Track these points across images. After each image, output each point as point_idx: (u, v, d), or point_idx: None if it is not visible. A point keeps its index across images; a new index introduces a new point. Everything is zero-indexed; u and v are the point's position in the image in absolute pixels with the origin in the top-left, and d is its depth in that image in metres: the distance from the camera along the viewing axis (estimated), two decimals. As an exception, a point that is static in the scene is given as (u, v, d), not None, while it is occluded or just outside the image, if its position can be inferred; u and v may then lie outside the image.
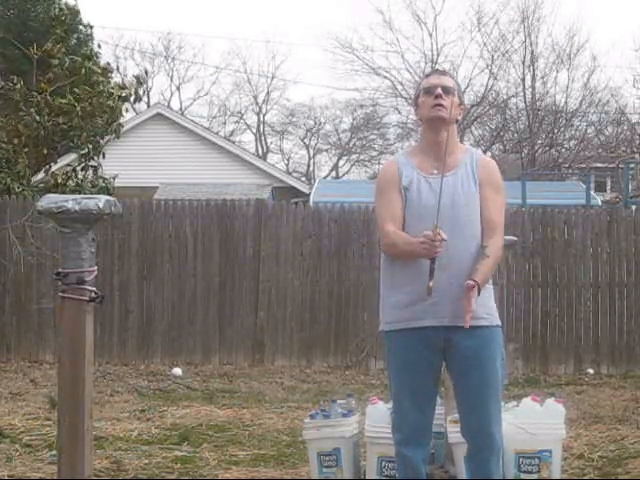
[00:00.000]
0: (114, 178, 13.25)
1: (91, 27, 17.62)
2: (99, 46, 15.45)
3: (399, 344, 3.89)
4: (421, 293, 3.72)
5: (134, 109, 26.65)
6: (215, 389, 9.15)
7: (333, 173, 40.94)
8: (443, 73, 4.07)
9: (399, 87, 34.06)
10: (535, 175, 26.16)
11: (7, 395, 8.46)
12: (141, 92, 13.86)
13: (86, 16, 19.34)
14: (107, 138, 13.17)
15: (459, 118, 4.02)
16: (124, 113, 13.83)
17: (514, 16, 32.62)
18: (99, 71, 13.38)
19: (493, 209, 3.89)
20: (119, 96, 13.20)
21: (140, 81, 13.64)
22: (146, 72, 14.55)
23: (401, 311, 3.86)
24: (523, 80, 31.88)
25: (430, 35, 33.32)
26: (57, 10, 14.54)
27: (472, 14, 34.49)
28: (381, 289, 4.02)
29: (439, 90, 3.88)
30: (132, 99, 13.65)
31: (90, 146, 12.75)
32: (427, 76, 4.06)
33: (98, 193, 12.01)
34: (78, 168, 12.99)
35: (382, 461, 4.80)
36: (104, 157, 13.15)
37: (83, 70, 12.85)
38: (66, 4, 15.81)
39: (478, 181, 3.91)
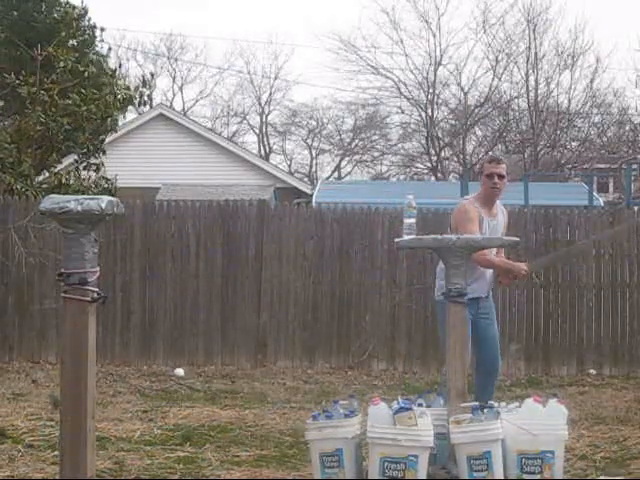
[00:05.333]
0: (116, 178, 13.26)
1: (102, 30, 17.61)
2: (109, 49, 15.51)
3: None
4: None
5: (137, 110, 26.66)
6: (217, 390, 9.15)
7: (335, 174, 40.93)
8: (499, 162, 6.30)
9: (402, 88, 34.06)
10: (538, 176, 26.15)
11: (9, 396, 8.46)
12: (146, 97, 13.87)
13: (90, 16, 19.29)
14: (106, 135, 13.17)
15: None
16: (125, 114, 13.85)
17: (520, 18, 32.65)
18: (110, 73, 13.39)
19: None
20: (124, 98, 13.22)
21: (146, 85, 13.64)
22: (152, 75, 14.54)
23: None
24: (526, 81, 31.90)
25: (434, 36, 33.33)
26: (62, 12, 14.56)
27: (478, 14, 34.49)
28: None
29: (496, 179, 6.21)
30: (137, 102, 13.65)
31: (91, 146, 12.76)
32: (489, 162, 6.35)
33: (101, 194, 12.02)
34: (80, 167, 12.99)
35: (384, 462, 4.79)
36: (104, 154, 13.12)
37: (86, 74, 12.86)
38: (69, 4, 15.80)
39: (505, 223, 6.49)
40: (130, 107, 13.92)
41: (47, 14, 15.72)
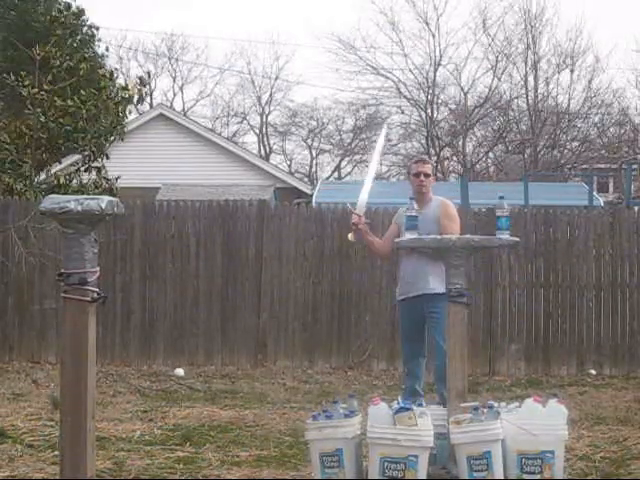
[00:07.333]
0: (117, 179, 13.25)
1: (97, 28, 17.57)
2: (107, 49, 15.51)
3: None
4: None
5: (137, 110, 26.68)
6: (217, 390, 9.15)
7: (335, 174, 40.92)
8: (425, 162, 6.88)
9: (402, 88, 34.04)
10: (537, 176, 26.15)
11: (9, 396, 8.46)
12: (143, 94, 13.86)
13: (90, 17, 19.24)
14: (111, 139, 13.17)
15: (433, 183, 6.86)
16: (127, 114, 13.85)
17: (519, 19, 32.65)
18: (107, 75, 13.38)
19: (447, 229, 6.40)
20: (122, 97, 13.22)
21: (143, 83, 13.65)
22: (149, 74, 14.55)
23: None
24: (526, 82, 31.90)
25: (433, 36, 33.31)
26: (57, 11, 14.55)
27: (477, 15, 34.41)
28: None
29: (422, 177, 6.68)
30: (135, 100, 13.65)
31: (94, 148, 12.76)
32: (415, 162, 6.90)
33: (101, 194, 12.01)
34: (82, 169, 12.99)
35: (384, 462, 4.79)
36: (108, 158, 13.13)
37: (82, 71, 12.85)
38: (66, 4, 15.78)
39: (437, 216, 6.56)
40: (129, 107, 13.89)
41: (45, 14, 15.71)
